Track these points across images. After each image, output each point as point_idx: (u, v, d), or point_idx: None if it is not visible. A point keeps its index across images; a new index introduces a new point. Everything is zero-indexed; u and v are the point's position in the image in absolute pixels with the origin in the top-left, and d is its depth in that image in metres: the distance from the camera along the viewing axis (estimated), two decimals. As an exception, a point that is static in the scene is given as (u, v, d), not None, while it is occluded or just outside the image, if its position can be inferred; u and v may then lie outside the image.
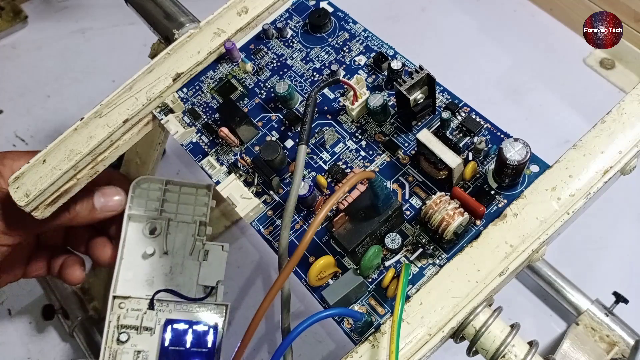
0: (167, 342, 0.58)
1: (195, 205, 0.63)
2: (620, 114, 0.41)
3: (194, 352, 0.58)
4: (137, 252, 0.61)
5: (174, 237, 0.62)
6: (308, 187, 0.43)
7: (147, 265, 0.61)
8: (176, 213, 0.62)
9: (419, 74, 0.42)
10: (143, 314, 0.59)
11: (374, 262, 0.40)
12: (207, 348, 0.58)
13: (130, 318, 0.59)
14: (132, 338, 0.59)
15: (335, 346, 0.80)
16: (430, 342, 0.37)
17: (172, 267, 0.61)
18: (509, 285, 0.40)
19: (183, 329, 0.59)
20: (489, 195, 0.42)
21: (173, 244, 0.62)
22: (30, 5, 1.24)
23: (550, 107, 0.96)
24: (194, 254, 0.62)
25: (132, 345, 0.59)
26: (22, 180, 0.49)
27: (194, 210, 0.62)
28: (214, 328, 0.59)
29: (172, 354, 0.58)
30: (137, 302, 0.60)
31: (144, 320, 0.59)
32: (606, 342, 0.70)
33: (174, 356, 0.58)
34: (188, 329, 0.59)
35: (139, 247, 0.61)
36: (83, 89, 1.11)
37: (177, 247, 0.62)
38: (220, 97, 0.52)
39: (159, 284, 0.61)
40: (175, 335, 0.58)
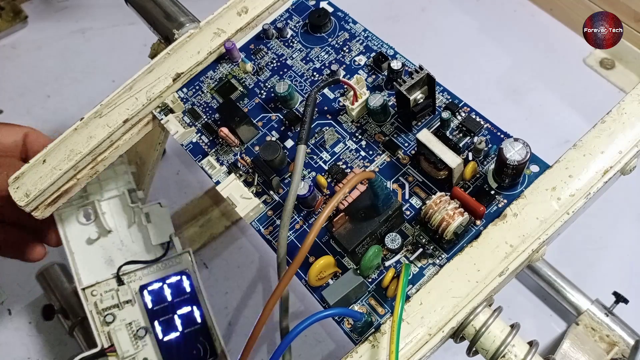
0: (150, 305, 0.60)
1: (117, 177, 0.63)
2: (620, 114, 0.41)
3: (177, 301, 0.60)
4: (82, 241, 0.61)
5: (111, 214, 0.62)
6: (308, 187, 0.43)
7: (99, 249, 0.62)
8: (101, 192, 0.63)
9: (419, 74, 0.42)
10: (116, 291, 0.60)
11: (374, 262, 0.40)
12: (188, 292, 0.61)
13: (107, 300, 0.59)
14: (118, 315, 0.60)
15: (335, 346, 0.80)
16: (430, 342, 0.37)
17: (122, 240, 0.62)
18: (509, 285, 0.40)
19: (158, 287, 0.60)
20: (489, 195, 0.42)
21: (113, 220, 0.62)
22: (30, 5, 1.24)
23: (550, 107, 0.96)
24: (137, 221, 0.62)
25: (121, 320, 0.60)
26: (22, 180, 0.49)
27: (116, 183, 0.63)
28: (185, 274, 0.61)
29: (160, 311, 0.60)
30: (105, 284, 0.60)
31: (120, 296, 0.60)
32: (606, 342, 0.70)
33: (163, 311, 0.60)
34: (163, 286, 0.61)
35: (82, 236, 0.61)
36: (83, 89, 1.11)
37: (117, 222, 0.62)
38: (220, 97, 0.52)
39: (118, 261, 0.62)
40: (154, 296, 0.60)
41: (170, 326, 0.60)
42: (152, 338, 0.59)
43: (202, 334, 0.60)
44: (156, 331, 0.59)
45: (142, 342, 0.59)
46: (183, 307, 0.61)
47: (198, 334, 0.60)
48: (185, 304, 0.61)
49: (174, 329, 0.60)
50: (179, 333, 0.60)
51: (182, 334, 0.60)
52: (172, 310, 0.60)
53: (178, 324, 0.60)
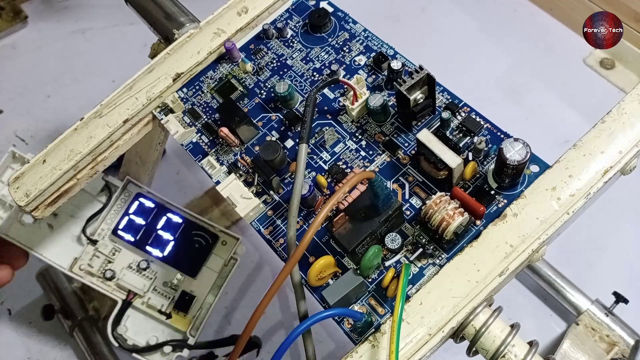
0: (131, 239, 0.61)
1: None
2: (620, 114, 0.41)
3: (150, 220, 0.62)
4: (40, 238, 0.61)
5: None
6: (308, 187, 0.43)
7: (58, 234, 0.61)
8: None
9: (419, 74, 0.42)
10: (97, 250, 0.61)
11: (374, 262, 0.40)
12: (154, 207, 0.62)
13: (95, 264, 0.60)
14: (113, 267, 0.61)
15: (335, 346, 0.80)
16: (430, 342, 0.37)
17: (72, 214, 0.62)
18: (509, 285, 0.40)
19: (126, 221, 0.61)
20: (489, 195, 0.42)
21: None
22: (30, 5, 1.24)
23: (550, 107, 0.96)
24: None
25: (120, 270, 0.60)
26: (22, 180, 0.49)
27: None
28: (140, 196, 0.62)
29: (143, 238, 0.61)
30: (85, 253, 0.61)
31: (102, 251, 0.60)
32: (606, 342, 0.70)
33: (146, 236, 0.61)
34: (129, 217, 0.61)
35: (37, 234, 0.60)
36: (83, 89, 1.11)
37: None
38: (220, 97, 0.52)
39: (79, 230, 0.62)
40: (128, 230, 0.61)
41: (161, 242, 0.61)
42: (155, 262, 0.61)
43: (191, 228, 0.62)
44: (154, 254, 0.60)
45: (150, 271, 0.61)
46: (159, 221, 0.61)
47: (188, 230, 0.61)
48: (159, 217, 0.62)
49: (165, 242, 0.61)
50: (173, 240, 0.61)
51: (175, 239, 0.61)
52: (153, 230, 0.61)
53: (165, 235, 0.61)
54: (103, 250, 0.61)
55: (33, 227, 0.60)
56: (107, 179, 0.62)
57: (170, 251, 0.61)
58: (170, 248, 0.61)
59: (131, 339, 0.62)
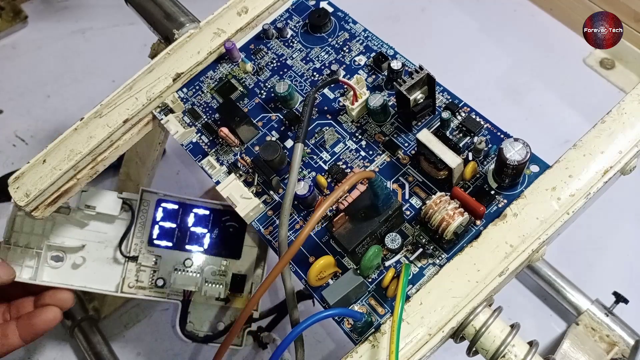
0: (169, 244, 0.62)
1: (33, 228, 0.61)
2: (620, 114, 0.41)
3: (179, 222, 0.62)
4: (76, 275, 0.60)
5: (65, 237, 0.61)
6: (308, 187, 0.43)
7: (93, 264, 0.61)
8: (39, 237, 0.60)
9: (419, 74, 0.42)
10: (140, 266, 0.62)
11: (374, 262, 0.40)
12: (177, 208, 0.62)
13: (144, 278, 0.61)
14: (161, 274, 0.62)
15: (335, 346, 0.80)
16: (430, 342, 0.37)
17: (98, 240, 0.62)
18: (509, 285, 0.40)
19: (158, 229, 0.62)
20: (489, 195, 0.42)
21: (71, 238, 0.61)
22: (30, 5, 1.24)
23: (550, 107, 0.96)
24: (86, 217, 0.61)
25: (169, 273, 0.61)
26: (22, 180, 0.49)
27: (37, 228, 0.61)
28: (161, 201, 0.62)
29: (180, 239, 0.62)
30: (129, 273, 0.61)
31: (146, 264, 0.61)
32: (606, 342, 0.70)
33: (182, 237, 0.62)
34: (159, 225, 0.62)
35: (69, 273, 0.60)
36: (83, 89, 1.11)
37: (76, 234, 0.61)
38: (220, 97, 0.52)
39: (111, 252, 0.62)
40: (163, 237, 0.62)
41: (197, 237, 0.62)
42: (198, 257, 0.62)
43: (220, 216, 0.63)
44: (195, 250, 0.62)
45: (196, 267, 0.62)
46: (188, 219, 0.62)
47: (218, 218, 0.63)
48: (186, 215, 0.62)
49: (201, 236, 0.62)
50: (207, 232, 0.62)
51: (209, 231, 0.62)
52: (186, 229, 0.62)
53: (199, 230, 0.62)
54: (146, 263, 0.62)
55: (66, 265, 0.60)
56: (122, 197, 0.61)
57: (209, 243, 0.62)
58: (208, 240, 0.62)
59: (201, 332, 0.63)
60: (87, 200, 0.59)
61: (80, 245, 0.61)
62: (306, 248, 0.43)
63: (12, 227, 0.58)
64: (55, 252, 0.59)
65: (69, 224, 0.61)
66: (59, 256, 0.59)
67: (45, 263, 0.59)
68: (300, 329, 0.34)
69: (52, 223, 0.60)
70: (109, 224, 0.62)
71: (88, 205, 0.59)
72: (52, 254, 0.59)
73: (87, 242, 0.61)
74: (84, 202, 0.59)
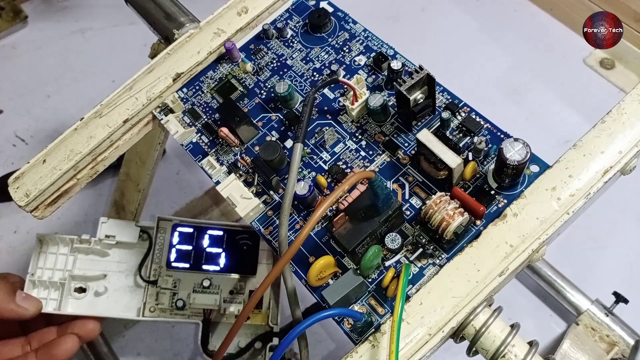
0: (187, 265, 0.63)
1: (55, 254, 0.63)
2: (620, 114, 0.41)
3: (195, 243, 0.64)
4: (98, 304, 0.62)
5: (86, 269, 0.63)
6: (308, 187, 0.43)
7: (114, 293, 0.63)
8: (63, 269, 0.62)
9: (419, 74, 0.42)
10: (160, 289, 0.64)
11: (374, 262, 0.40)
12: (192, 231, 0.64)
13: (164, 300, 0.63)
14: (180, 295, 0.64)
15: (335, 346, 0.80)
16: (430, 342, 0.37)
17: (119, 270, 0.64)
18: (509, 285, 0.40)
19: (175, 252, 0.63)
20: (489, 195, 0.42)
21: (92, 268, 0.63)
22: (30, 5, 1.24)
23: (550, 107, 0.96)
24: (104, 247, 0.63)
25: (188, 295, 0.63)
26: (22, 180, 0.49)
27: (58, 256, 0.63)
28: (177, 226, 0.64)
29: (197, 260, 0.63)
30: (149, 297, 0.63)
31: (165, 286, 0.63)
32: (606, 342, 0.70)
33: (198, 258, 0.63)
34: (176, 249, 0.64)
35: (92, 302, 0.62)
36: (83, 89, 1.11)
37: (97, 265, 0.64)
38: (220, 97, 0.52)
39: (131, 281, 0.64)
40: (180, 259, 0.64)
41: (213, 257, 0.64)
42: (216, 276, 0.64)
43: (233, 235, 0.65)
44: (212, 270, 0.64)
45: (214, 286, 0.64)
46: (203, 241, 0.64)
47: (231, 238, 0.64)
48: (201, 237, 0.64)
49: (217, 256, 0.64)
50: (223, 252, 0.64)
51: (224, 250, 0.64)
52: (202, 250, 0.64)
53: (215, 250, 0.64)
54: (165, 286, 0.64)
55: (89, 295, 0.63)
56: (139, 225, 0.64)
57: (224, 262, 0.64)
58: (224, 259, 0.64)
59: None
60: (107, 230, 0.63)
61: (102, 275, 0.63)
62: (306, 248, 0.43)
63: (37, 262, 0.61)
64: (78, 283, 0.62)
65: (90, 255, 0.63)
66: (82, 287, 0.62)
67: (69, 295, 0.61)
68: (300, 329, 0.34)
69: (74, 256, 0.62)
70: (129, 252, 0.65)
71: (108, 235, 0.63)
72: (75, 286, 0.62)
73: (109, 272, 0.64)
74: (104, 233, 0.63)
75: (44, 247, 0.61)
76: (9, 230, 0.96)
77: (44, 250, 0.61)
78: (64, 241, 0.62)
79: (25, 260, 0.93)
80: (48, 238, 0.62)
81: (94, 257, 0.63)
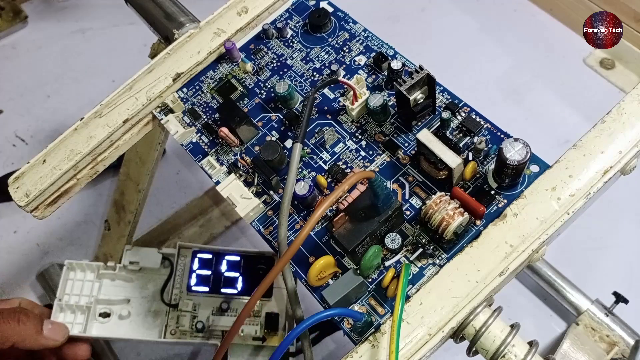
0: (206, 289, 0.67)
1: None
2: (620, 114, 0.41)
3: (214, 269, 0.68)
4: (122, 326, 0.66)
5: (110, 295, 0.68)
6: (308, 187, 0.43)
7: (137, 317, 0.67)
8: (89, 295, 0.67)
9: (419, 74, 0.42)
10: (180, 312, 0.67)
11: (374, 262, 0.40)
12: (211, 257, 0.69)
13: (185, 322, 0.67)
14: (200, 318, 0.67)
15: (335, 346, 0.80)
16: (430, 342, 0.37)
17: (142, 295, 0.69)
18: (509, 285, 0.40)
19: (195, 277, 0.67)
20: (489, 195, 0.42)
21: (117, 294, 0.68)
22: (30, 5, 1.24)
23: (550, 107, 0.96)
24: (129, 272, 0.69)
25: (207, 317, 0.67)
26: (22, 180, 0.49)
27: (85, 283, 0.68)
28: (196, 252, 0.69)
29: (216, 284, 0.68)
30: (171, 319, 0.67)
31: (186, 309, 0.67)
32: (606, 342, 0.70)
33: (216, 282, 0.68)
34: (196, 274, 0.68)
35: (117, 324, 0.66)
36: (83, 89, 1.11)
37: (121, 290, 0.68)
38: (220, 97, 0.52)
39: (154, 304, 0.68)
40: (201, 283, 0.68)
41: (231, 281, 0.68)
42: (233, 300, 0.67)
43: (250, 260, 0.69)
44: (230, 293, 0.68)
45: (232, 310, 0.67)
46: (221, 266, 0.68)
47: (248, 263, 0.69)
48: (220, 263, 0.68)
49: (235, 280, 0.68)
50: (240, 276, 0.68)
51: (241, 274, 0.68)
52: (220, 275, 0.68)
53: (232, 274, 0.68)
54: (186, 309, 0.67)
55: (113, 319, 0.67)
56: (161, 252, 0.69)
57: (241, 286, 0.68)
58: (241, 283, 0.68)
59: None
60: (130, 257, 0.68)
61: (126, 300, 0.67)
62: (306, 248, 0.43)
63: (65, 288, 0.65)
64: (103, 307, 0.66)
65: (115, 280, 0.69)
66: (107, 312, 0.66)
67: (94, 319, 0.65)
68: (300, 329, 0.34)
69: (100, 282, 0.68)
70: (151, 277, 0.69)
71: (132, 261, 0.68)
72: (100, 310, 0.66)
73: (132, 297, 0.68)
74: (128, 259, 0.68)
75: (72, 274, 0.66)
76: (9, 230, 0.96)
77: (72, 277, 0.67)
78: (91, 267, 0.67)
79: (25, 260, 0.93)
80: (76, 265, 0.67)
81: (119, 283, 0.68)
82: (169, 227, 0.92)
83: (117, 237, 0.78)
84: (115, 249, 0.79)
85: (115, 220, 0.77)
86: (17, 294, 0.89)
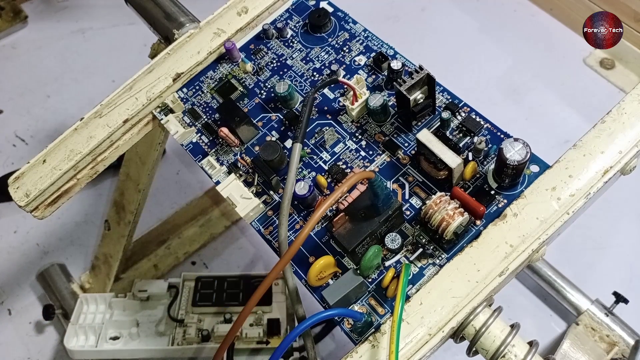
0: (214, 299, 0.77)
1: None
2: (620, 114, 0.41)
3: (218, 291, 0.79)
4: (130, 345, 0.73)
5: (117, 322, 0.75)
6: (308, 187, 0.43)
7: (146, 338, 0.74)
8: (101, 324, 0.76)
9: (419, 74, 0.42)
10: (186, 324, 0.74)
11: (374, 262, 0.40)
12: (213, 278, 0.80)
13: (191, 332, 0.73)
14: (205, 327, 0.74)
15: (335, 346, 0.80)
16: (430, 342, 0.37)
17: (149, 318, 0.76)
18: (509, 285, 0.40)
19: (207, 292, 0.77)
20: (489, 195, 0.42)
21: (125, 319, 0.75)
22: (30, 5, 1.24)
23: (550, 107, 0.96)
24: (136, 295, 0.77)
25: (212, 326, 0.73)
26: (22, 180, 0.49)
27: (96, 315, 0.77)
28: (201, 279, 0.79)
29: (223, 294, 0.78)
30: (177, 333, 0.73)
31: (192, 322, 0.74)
32: (606, 342, 0.70)
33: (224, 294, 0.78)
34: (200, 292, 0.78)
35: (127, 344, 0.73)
36: (83, 89, 1.11)
37: (131, 314, 0.76)
38: (220, 97, 0.52)
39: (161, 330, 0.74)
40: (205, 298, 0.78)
41: (233, 296, 0.77)
42: (238, 310, 0.74)
43: (249, 279, 0.79)
44: (234, 305, 0.76)
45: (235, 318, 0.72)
46: (224, 285, 0.78)
47: (247, 281, 0.79)
48: (223, 284, 0.78)
49: (236, 295, 0.77)
50: (240, 293, 0.78)
51: (241, 291, 0.77)
52: (222, 292, 0.77)
53: (233, 291, 0.77)
54: (191, 321, 0.74)
55: (123, 339, 0.73)
56: (169, 281, 0.77)
57: (242, 298, 0.77)
58: (241, 297, 0.77)
59: None
60: (139, 287, 0.77)
61: (135, 323, 0.74)
62: (306, 248, 0.43)
63: (78, 318, 0.74)
64: (113, 332, 0.73)
65: (125, 306, 0.76)
66: (117, 336, 0.72)
67: (105, 342, 0.72)
68: (300, 330, 0.34)
69: (111, 311, 0.76)
70: (158, 303, 0.77)
71: (140, 290, 0.77)
72: (110, 335, 0.73)
73: (141, 322, 0.74)
74: (138, 289, 0.77)
75: (85, 307, 0.76)
76: (9, 230, 0.96)
77: (85, 311, 0.76)
78: (103, 298, 0.77)
79: (25, 260, 0.93)
80: (90, 297, 0.76)
81: (128, 309, 0.76)
82: (169, 227, 0.92)
83: (117, 237, 0.78)
84: (115, 249, 0.79)
85: (115, 220, 0.77)
86: (17, 293, 0.89)
